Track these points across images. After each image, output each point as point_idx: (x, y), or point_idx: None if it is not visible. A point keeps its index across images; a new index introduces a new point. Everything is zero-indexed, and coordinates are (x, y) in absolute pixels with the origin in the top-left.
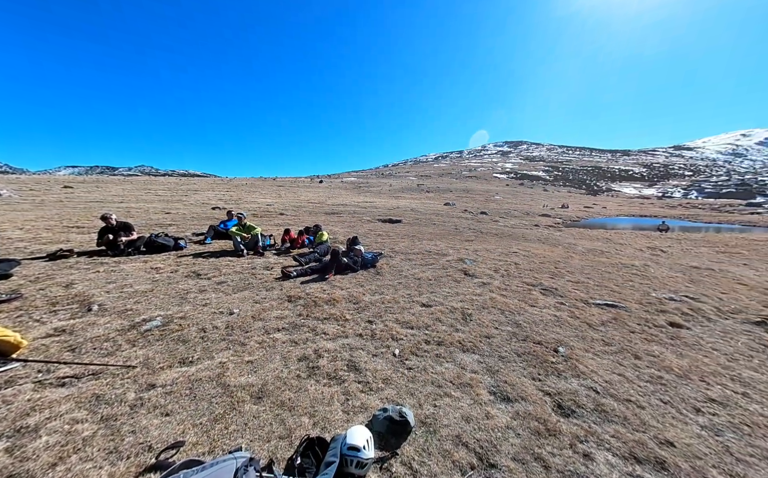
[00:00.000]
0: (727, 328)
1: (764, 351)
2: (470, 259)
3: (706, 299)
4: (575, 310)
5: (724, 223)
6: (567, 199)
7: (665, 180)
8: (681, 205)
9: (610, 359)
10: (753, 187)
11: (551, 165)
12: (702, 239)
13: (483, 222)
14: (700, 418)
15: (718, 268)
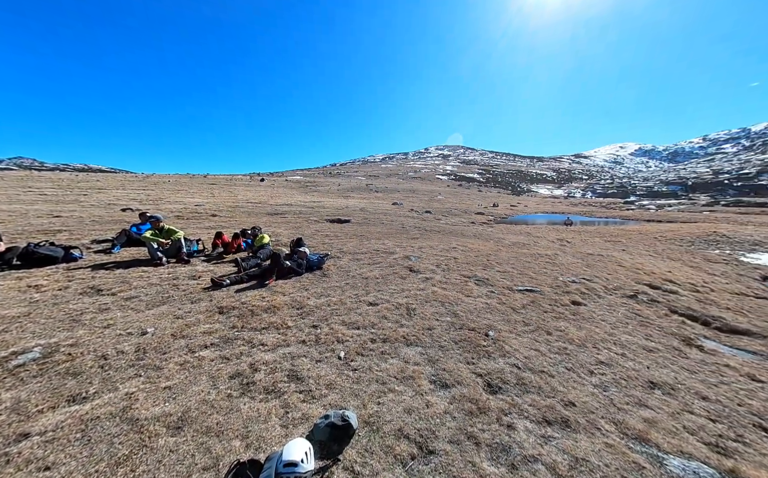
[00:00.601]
0: (612, 302)
1: (635, 318)
2: (415, 256)
3: (597, 280)
4: (502, 296)
5: (610, 218)
6: (497, 199)
7: (569, 183)
8: (581, 204)
9: (528, 337)
10: (628, 188)
11: (484, 168)
12: (595, 230)
13: (427, 220)
14: (593, 378)
15: (606, 254)
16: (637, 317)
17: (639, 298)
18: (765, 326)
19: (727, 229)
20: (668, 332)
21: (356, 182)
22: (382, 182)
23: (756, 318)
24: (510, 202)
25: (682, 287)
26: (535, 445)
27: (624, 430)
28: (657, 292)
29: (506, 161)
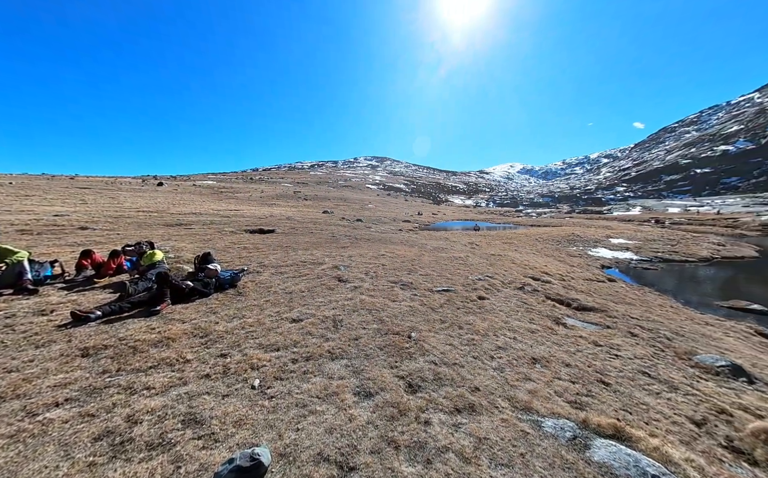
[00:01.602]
0: (507, 294)
1: (523, 306)
2: (345, 265)
3: (497, 276)
4: (424, 298)
5: (506, 223)
6: (421, 208)
7: (477, 194)
8: (486, 212)
9: (444, 333)
10: (517, 199)
11: (409, 180)
12: (496, 234)
13: (358, 229)
14: (493, 362)
15: (503, 253)
16: (524, 305)
17: (525, 289)
18: (602, 302)
19: (579, 232)
20: (545, 314)
21: (282, 189)
22: (312, 190)
23: (598, 297)
24: (432, 211)
25: (554, 278)
26: (447, 435)
27: (515, 404)
28: (537, 282)
29: (427, 174)
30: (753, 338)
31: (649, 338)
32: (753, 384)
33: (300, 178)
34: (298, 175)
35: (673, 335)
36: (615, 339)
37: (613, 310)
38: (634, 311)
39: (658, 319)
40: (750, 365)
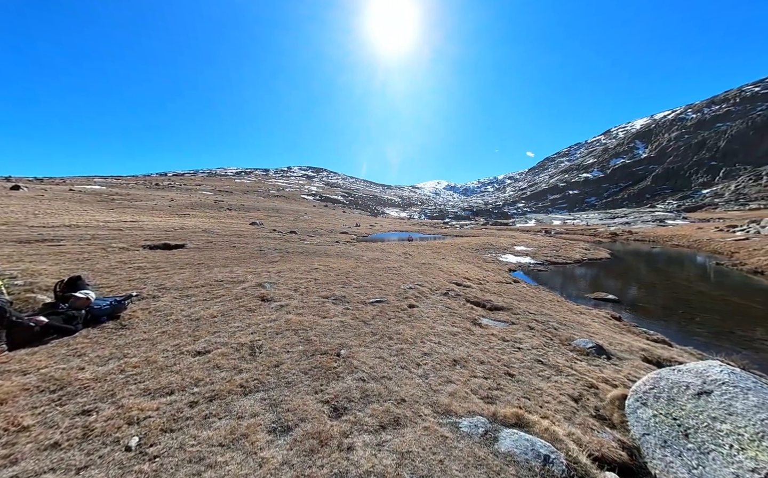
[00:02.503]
0: (434, 300)
1: (447, 310)
2: (271, 282)
3: (426, 284)
4: (356, 311)
5: (435, 234)
6: (359, 219)
7: (410, 207)
8: (418, 224)
9: (375, 346)
10: (444, 212)
11: (347, 192)
12: (427, 245)
13: (291, 241)
14: (419, 370)
15: (433, 262)
16: (448, 309)
17: (449, 294)
18: (509, 301)
19: (492, 241)
20: (464, 317)
21: (200, 198)
22: (238, 199)
23: (506, 297)
24: (369, 222)
25: (473, 282)
26: (370, 457)
27: (437, 409)
28: (460, 288)
29: (365, 186)
30: (610, 322)
31: (542, 330)
32: (610, 359)
33: (223, 185)
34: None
35: (559, 324)
36: (518, 333)
37: (517, 307)
38: (532, 306)
39: (548, 312)
40: (608, 344)
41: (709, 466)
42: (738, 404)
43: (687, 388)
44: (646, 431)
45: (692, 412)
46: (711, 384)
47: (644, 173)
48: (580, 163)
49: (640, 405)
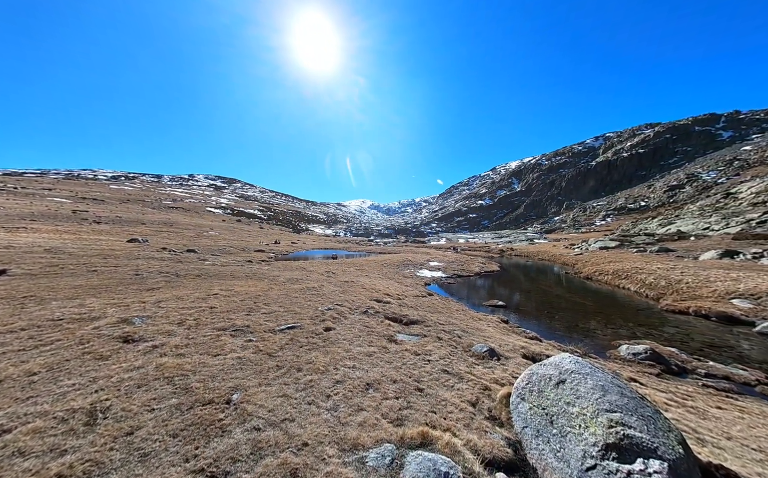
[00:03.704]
0: (353, 320)
1: (365, 329)
2: (144, 316)
3: (347, 303)
4: (261, 342)
5: (360, 252)
6: (279, 236)
7: (336, 224)
8: (344, 241)
9: (279, 383)
10: (369, 230)
11: (265, 206)
12: (351, 262)
13: (187, 262)
14: (329, 402)
15: (356, 280)
16: (366, 328)
17: (369, 312)
18: (423, 314)
19: (411, 257)
20: (381, 334)
21: (48, 206)
22: (112, 210)
23: (421, 310)
24: (291, 240)
25: (393, 298)
26: None
27: (343, 446)
28: (380, 304)
29: (286, 201)
30: (500, 325)
31: (449, 339)
32: (500, 360)
33: (90, 191)
34: (86, 188)
35: (463, 332)
36: (429, 346)
37: (429, 320)
38: (442, 317)
39: (455, 321)
40: (498, 346)
41: (567, 447)
42: (582, 388)
43: (550, 379)
44: (525, 423)
45: (554, 400)
46: (565, 374)
47: (519, 203)
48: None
49: (520, 400)
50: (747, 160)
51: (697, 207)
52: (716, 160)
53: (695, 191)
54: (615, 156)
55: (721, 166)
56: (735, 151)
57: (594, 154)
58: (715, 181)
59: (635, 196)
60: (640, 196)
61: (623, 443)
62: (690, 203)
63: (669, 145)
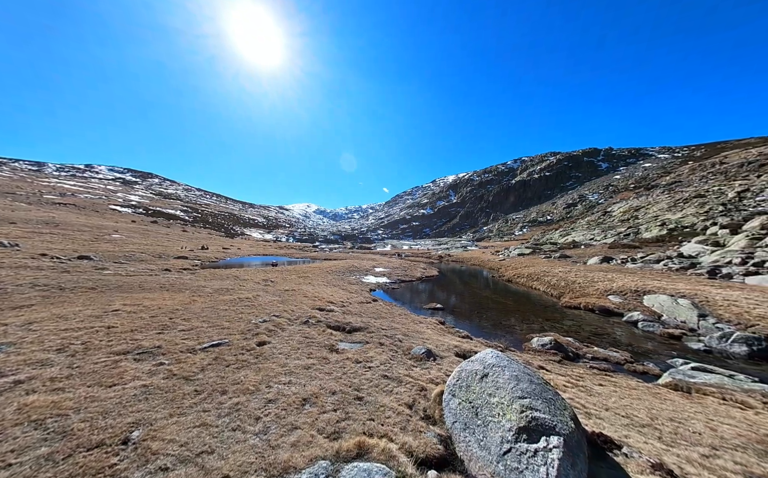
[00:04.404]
0: (292, 332)
1: (305, 341)
2: (3, 343)
3: (285, 314)
4: (176, 365)
5: (305, 258)
6: (208, 241)
7: (276, 229)
8: (286, 247)
9: (197, 411)
10: (314, 236)
11: (190, 206)
12: (293, 269)
13: (77, 272)
14: (258, 425)
15: (298, 288)
16: (306, 339)
17: (310, 322)
18: (367, 320)
19: (357, 263)
20: (322, 345)
21: None
22: None
23: (365, 316)
24: (223, 245)
25: (337, 305)
26: None
27: (272, 472)
28: (322, 313)
29: (218, 202)
30: (438, 327)
31: (390, 344)
32: (436, 360)
33: None
34: None
35: (403, 336)
36: (370, 352)
37: (372, 326)
38: (385, 322)
39: (397, 326)
40: (435, 347)
41: (489, 435)
42: (500, 379)
43: (476, 374)
44: (455, 418)
45: (479, 393)
46: (488, 368)
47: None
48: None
49: (451, 397)
50: (617, 187)
51: (585, 222)
52: (598, 185)
53: (584, 209)
54: (529, 176)
55: (601, 190)
56: (610, 179)
57: (513, 174)
58: (598, 202)
59: (544, 211)
60: (547, 212)
61: (531, 425)
62: (581, 219)
63: (566, 171)
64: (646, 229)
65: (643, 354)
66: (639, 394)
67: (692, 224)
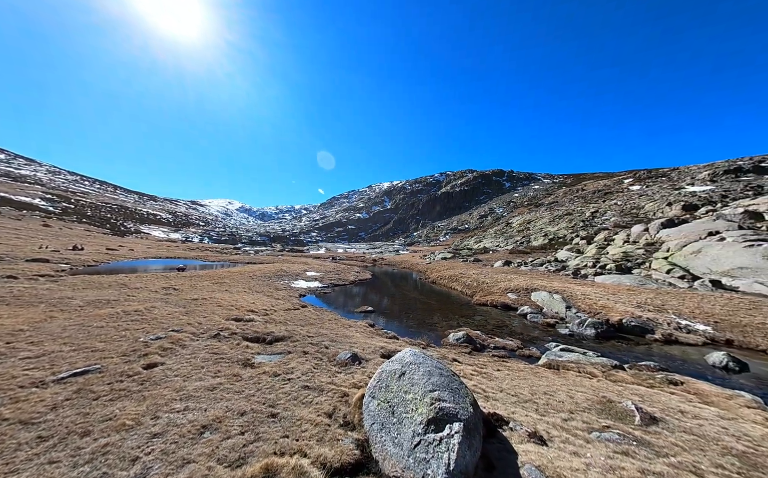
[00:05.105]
0: (196, 348)
1: (213, 358)
2: None
3: (190, 327)
4: (10, 406)
5: (223, 262)
6: (84, 240)
7: (187, 227)
8: (198, 248)
9: (37, 464)
10: (236, 236)
11: (57, 193)
12: (206, 274)
13: None
14: (136, 467)
15: (210, 296)
16: (215, 356)
17: (221, 335)
18: (292, 329)
19: (287, 267)
20: (235, 360)
21: None
22: None
23: (291, 324)
24: (108, 245)
25: (258, 314)
26: None
27: None
28: (239, 324)
29: (101, 191)
30: (367, 329)
31: (315, 352)
32: (361, 364)
33: None
34: None
35: (331, 342)
36: (292, 363)
37: (298, 334)
38: (313, 329)
39: (325, 332)
40: (361, 350)
41: (402, 432)
42: (416, 376)
43: (395, 373)
44: (373, 420)
45: (396, 392)
46: (406, 366)
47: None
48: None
49: (371, 399)
50: (516, 203)
51: (493, 231)
52: (503, 201)
53: (493, 220)
54: (452, 189)
55: (504, 205)
56: (511, 196)
57: (439, 185)
58: (502, 215)
59: (463, 221)
60: (465, 221)
61: (439, 415)
62: (490, 228)
63: (481, 187)
64: (535, 239)
65: (530, 341)
66: (525, 375)
67: (564, 236)
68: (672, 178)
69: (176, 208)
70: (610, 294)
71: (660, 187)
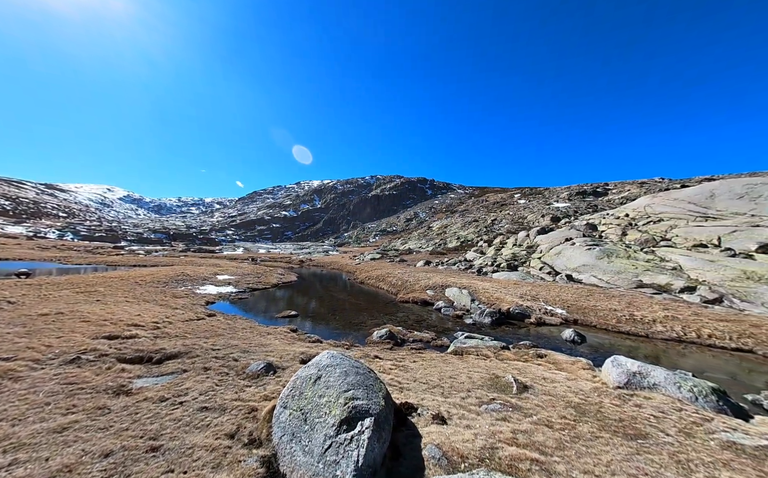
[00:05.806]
0: (38, 379)
1: (65, 389)
2: None
3: (30, 352)
4: None
5: (93, 264)
6: None
7: (37, 219)
8: (56, 247)
9: None
10: (119, 233)
11: None
12: (66, 281)
13: None
14: None
15: (70, 309)
16: (69, 387)
17: (83, 359)
18: (192, 342)
19: (190, 270)
20: (101, 389)
21: None
22: None
23: (190, 338)
24: None
25: (145, 328)
26: None
27: None
28: (114, 342)
29: None
30: (288, 335)
31: (219, 367)
32: (275, 373)
33: None
34: None
35: (242, 353)
36: (187, 383)
37: (199, 348)
38: (220, 341)
39: (235, 343)
40: (278, 358)
41: (314, 438)
42: (332, 378)
43: (310, 379)
44: (283, 431)
45: (311, 398)
46: (322, 370)
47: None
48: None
49: (283, 409)
50: (436, 209)
51: (417, 234)
52: (425, 207)
53: (417, 224)
54: (382, 192)
55: (427, 211)
56: (432, 202)
57: (370, 188)
58: (425, 219)
59: (391, 223)
60: (393, 224)
61: (352, 413)
62: (415, 231)
63: (407, 192)
64: (450, 241)
65: (443, 332)
66: (436, 363)
67: (472, 239)
68: (546, 196)
69: (19, 192)
70: (503, 288)
71: (538, 202)
